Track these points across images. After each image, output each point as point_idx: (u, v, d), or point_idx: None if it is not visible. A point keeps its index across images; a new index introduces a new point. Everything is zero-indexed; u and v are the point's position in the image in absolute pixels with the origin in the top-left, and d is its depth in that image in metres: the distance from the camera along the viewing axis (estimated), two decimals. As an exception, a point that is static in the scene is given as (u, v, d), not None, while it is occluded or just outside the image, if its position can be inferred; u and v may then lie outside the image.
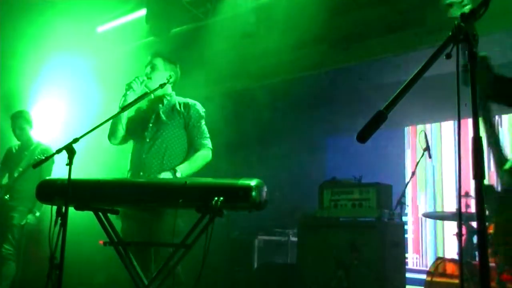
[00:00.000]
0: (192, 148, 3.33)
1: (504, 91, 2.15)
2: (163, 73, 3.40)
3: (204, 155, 3.29)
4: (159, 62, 3.43)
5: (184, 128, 3.32)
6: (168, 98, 3.41)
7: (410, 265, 6.09)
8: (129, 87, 3.21)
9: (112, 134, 3.35)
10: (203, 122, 3.37)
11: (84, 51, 5.87)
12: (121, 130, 3.33)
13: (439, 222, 6.01)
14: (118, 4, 5.69)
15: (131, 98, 3.18)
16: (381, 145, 5.98)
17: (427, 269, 4.15)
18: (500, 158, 2.16)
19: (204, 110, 3.41)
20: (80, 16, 5.46)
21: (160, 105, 3.37)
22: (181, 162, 3.25)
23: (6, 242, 4.61)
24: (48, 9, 5.26)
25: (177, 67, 3.53)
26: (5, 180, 4.82)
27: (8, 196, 4.68)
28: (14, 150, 4.97)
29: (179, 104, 3.37)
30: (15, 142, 5.04)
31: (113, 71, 5.74)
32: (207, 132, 3.37)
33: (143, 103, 3.43)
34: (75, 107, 6.00)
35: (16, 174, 4.71)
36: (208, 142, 3.33)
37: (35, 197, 2.70)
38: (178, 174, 3.12)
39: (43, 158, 2.82)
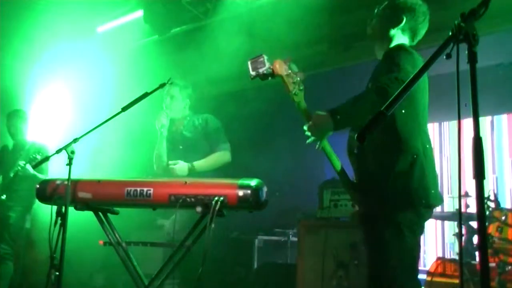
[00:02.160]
0: (212, 152, 3.80)
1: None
2: (181, 101, 3.88)
3: (219, 155, 3.78)
4: (175, 91, 3.86)
5: (205, 138, 3.80)
6: (188, 118, 3.91)
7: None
8: (160, 124, 3.73)
9: (157, 163, 3.81)
10: (219, 129, 3.86)
11: (84, 51, 5.87)
12: (164, 161, 3.76)
13: (439, 222, 6.00)
14: (118, 4, 5.69)
15: (165, 133, 3.76)
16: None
17: (427, 269, 4.14)
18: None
19: (219, 122, 3.90)
20: (80, 16, 5.45)
21: (182, 126, 3.87)
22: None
23: (3, 242, 4.60)
24: (48, 8, 5.26)
25: (191, 89, 3.98)
26: (0, 180, 4.79)
27: (5, 196, 4.65)
28: (8, 149, 4.95)
29: (197, 119, 3.87)
30: (9, 141, 5.01)
31: (113, 71, 5.74)
32: (224, 137, 3.85)
33: (169, 130, 3.85)
34: (74, 106, 6.00)
35: (11, 174, 4.67)
36: (225, 146, 3.80)
37: (35, 197, 2.70)
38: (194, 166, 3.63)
39: (41, 158, 2.81)
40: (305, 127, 2.26)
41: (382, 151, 2.21)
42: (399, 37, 2.48)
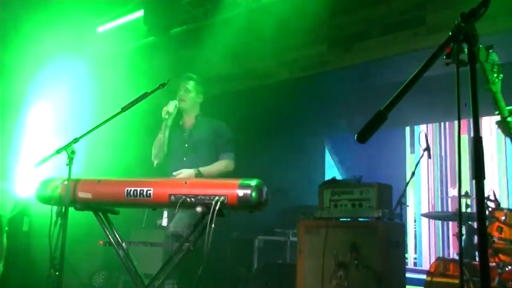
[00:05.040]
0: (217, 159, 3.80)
1: None
2: (194, 95, 3.91)
3: (225, 163, 3.76)
4: (190, 84, 3.91)
5: (213, 144, 3.80)
6: (199, 118, 3.93)
7: (410, 265, 6.09)
8: (167, 113, 3.68)
9: (157, 156, 3.80)
10: (229, 139, 3.87)
11: (84, 51, 5.87)
12: (165, 151, 3.80)
13: (439, 222, 6.01)
14: (118, 4, 5.69)
15: (169, 122, 3.74)
16: (381, 145, 5.98)
17: (427, 269, 4.14)
18: None
19: (230, 132, 3.92)
20: (80, 16, 5.45)
21: (192, 125, 3.89)
22: None
23: None
24: (48, 9, 5.25)
25: (204, 87, 4.02)
26: None
27: None
28: None
29: (210, 123, 3.90)
30: None
31: (113, 71, 5.73)
32: (232, 147, 3.85)
33: (176, 124, 3.89)
34: (74, 107, 5.99)
35: None
36: (231, 155, 3.81)
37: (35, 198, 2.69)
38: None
39: (45, 157, 2.78)
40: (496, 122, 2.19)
41: None
42: None
